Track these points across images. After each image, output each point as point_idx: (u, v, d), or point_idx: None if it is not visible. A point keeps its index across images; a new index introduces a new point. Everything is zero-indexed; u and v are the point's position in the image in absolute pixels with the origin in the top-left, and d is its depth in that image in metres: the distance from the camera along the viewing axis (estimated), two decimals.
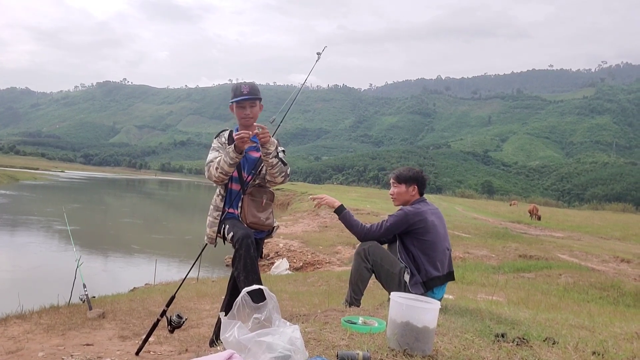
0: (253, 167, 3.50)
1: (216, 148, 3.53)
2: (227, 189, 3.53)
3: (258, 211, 3.42)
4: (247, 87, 3.40)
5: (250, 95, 3.38)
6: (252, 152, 3.50)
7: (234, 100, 3.39)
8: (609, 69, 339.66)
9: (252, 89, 3.41)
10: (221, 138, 3.58)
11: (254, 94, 3.42)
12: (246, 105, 3.38)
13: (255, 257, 3.16)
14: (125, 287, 9.08)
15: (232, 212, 3.48)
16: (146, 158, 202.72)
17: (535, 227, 22.36)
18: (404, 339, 2.26)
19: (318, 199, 3.80)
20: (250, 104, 3.39)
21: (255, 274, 3.10)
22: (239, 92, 3.39)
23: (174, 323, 2.41)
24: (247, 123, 3.41)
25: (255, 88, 3.44)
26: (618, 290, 7.42)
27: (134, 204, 41.03)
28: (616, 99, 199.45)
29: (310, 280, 8.30)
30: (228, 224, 3.35)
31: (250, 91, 3.39)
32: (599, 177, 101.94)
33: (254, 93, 3.41)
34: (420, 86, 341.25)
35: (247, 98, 3.36)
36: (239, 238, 3.15)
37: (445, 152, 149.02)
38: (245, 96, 3.36)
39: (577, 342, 2.77)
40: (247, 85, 3.41)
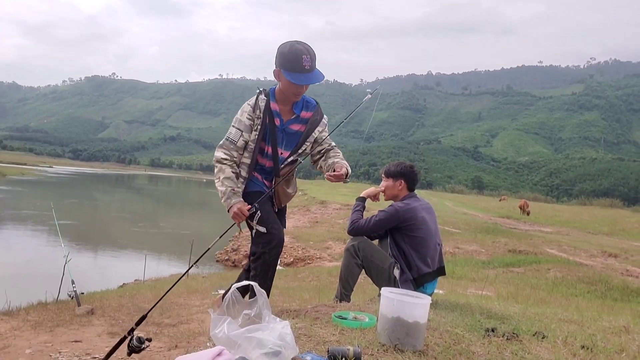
0: (294, 144, 3.00)
1: (244, 124, 2.94)
2: (252, 166, 3.00)
3: (288, 187, 3.09)
4: (309, 59, 2.69)
5: (313, 77, 2.74)
6: (293, 125, 2.99)
7: (291, 77, 2.72)
8: (598, 66, 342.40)
9: (314, 63, 2.72)
10: (255, 110, 2.93)
11: (318, 77, 2.76)
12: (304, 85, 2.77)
13: (276, 266, 2.97)
14: (114, 283, 9.03)
15: (261, 181, 3.07)
16: (135, 153, 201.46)
17: (524, 222, 22.53)
18: (394, 334, 2.25)
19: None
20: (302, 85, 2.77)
21: (270, 282, 2.98)
22: (299, 65, 2.69)
23: (133, 346, 2.32)
24: (294, 99, 2.91)
25: (315, 59, 2.73)
26: (606, 285, 7.50)
27: (123, 199, 40.77)
28: (604, 96, 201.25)
29: (300, 275, 8.31)
30: (262, 213, 2.89)
31: (312, 68, 2.72)
32: (587, 172, 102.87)
33: (317, 75, 2.76)
34: (411, 82, 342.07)
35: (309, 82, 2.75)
36: (273, 242, 2.87)
37: (436, 147, 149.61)
38: (308, 74, 2.71)
39: (566, 336, 2.79)
40: (309, 57, 2.69)
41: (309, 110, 3.02)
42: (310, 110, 3.02)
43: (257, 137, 2.93)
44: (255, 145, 2.94)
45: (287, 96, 2.86)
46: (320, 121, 3.05)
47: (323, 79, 2.78)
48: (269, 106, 2.91)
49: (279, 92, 2.91)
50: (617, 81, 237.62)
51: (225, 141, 2.95)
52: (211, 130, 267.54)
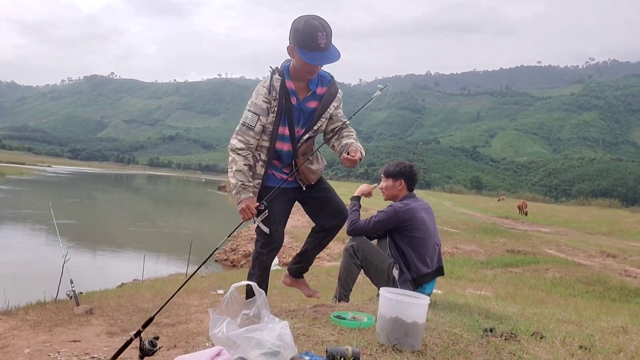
0: (310, 120, 2.90)
1: (260, 107, 2.80)
2: (271, 150, 2.88)
3: (312, 164, 2.93)
4: (324, 36, 2.52)
5: (328, 56, 2.58)
6: (310, 102, 2.87)
7: (305, 56, 2.57)
8: (597, 66, 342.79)
9: (329, 40, 2.55)
10: (271, 91, 2.79)
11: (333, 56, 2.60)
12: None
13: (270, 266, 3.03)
14: (113, 283, 9.03)
15: (279, 177, 2.97)
16: (134, 153, 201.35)
17: (523, 222, 22.56)
18: (393, 334, 2.25)
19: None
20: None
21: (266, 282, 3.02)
22: (314, 43, 2.53)
23: (146, 349, 2.27)
24: (308, 77, 2.77)
25: (331, 36, 2.56)
26: (604, 285, 7.51)
27: (122, 199, 40.74)
28: (603, 96, 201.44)
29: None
30: (270, 213, 2.86)
31: (328, 46, 2.55)
32: (586, 173, 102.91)
33: (333, 54, 2.59)
34: (410, 82, 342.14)
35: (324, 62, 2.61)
36: (272, 245, 2.92)
37: (435, 147, 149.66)
38: (323, 52, 2.54)
39: (565, 336, 2.80)
40: (325, 34, 2.52)
41: (324, 86, 2.88)
42: (325, 85, 2.88)
43: (274, 119, 2.81)
44: (274, 128, 2.83)
45: (301, 74, 2.73)
46: (335, 96, 2.91)
47: (339, 57, 2.60)
48: (285, 85, 2.77)
49: (294, 70, 2.76)
50: (616, 81, 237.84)
51: (242, 127, 2.83)
52: (210, 130, 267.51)
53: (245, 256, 13.93)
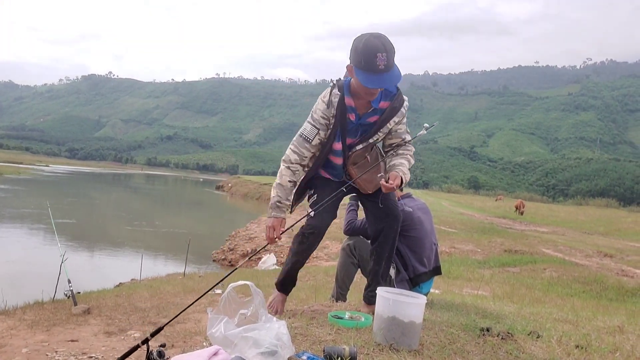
0: (367, 132, 2.77)
1: (319, 122, 2.71)
2: (324, 158, 2.83)
3: (374, 173, 2.75)
4: (384, 58, 2.34)
5: (388, 79, 2.42)
6: (370, 118, 2.74)
7: (363, 78, 2.43)
8: (594, 66, 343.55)
9: (391, 61, 2.36)
10: (330, 107, 2.68)
11: (393, 79, 2.43)
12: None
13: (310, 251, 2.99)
14: (110, 283, 9.02)
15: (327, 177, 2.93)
16: (132, 152, 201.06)
17: (520, 222, 22.60)
18: (390, 333, 2.27)
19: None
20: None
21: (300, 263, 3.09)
22: (373, 65, 2.36)
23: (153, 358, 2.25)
24: (369, 98, 2.62)
25: (393, 55, 2.38)
26: (601, 285, 7.53)
27: (119, 198, 40.69)
28: (600, 96, 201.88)
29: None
30: (317, 197, 2.86)
31: (388, 68, 2.37)
32: (583, 172, 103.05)
33: (393, 77, 2.42)
34: (408, 82, 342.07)
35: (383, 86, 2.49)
36: (313, 229, 2.88)
37: (432, 147, 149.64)
38: (382, 74, 2.38)
39: (561, 335, 2.81)
40: (385, 55, 2.34)
41: (387, 99, 2.71)
42: (388, 99, 2.72)
43: (329, 134, 2.74)
44: (328, 143, 2.77)
45: (361, 95, 2.60)
46: (398, 110, 2.74)
47: (399, 80, 2.45)
48: (343, 102, 2.65)
49: (354, 87, 2.63)
50: (613, 81, 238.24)
51: (299, 137, 2.76)
52: (208, 129, 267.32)
53: (244, 256, 13.92)
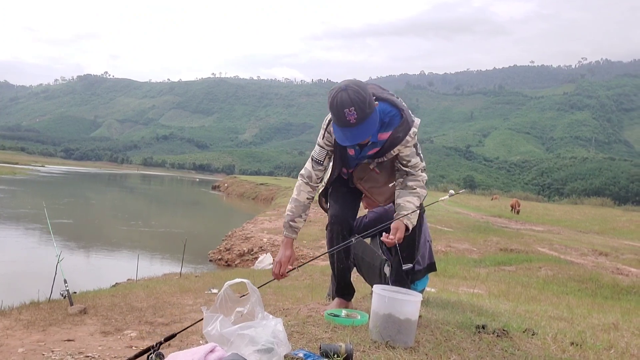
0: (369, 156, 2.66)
1: (323, 145, 2.69)
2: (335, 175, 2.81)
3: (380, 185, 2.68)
4: (353, 112, 2.24)
5: (358, 134, 2.31)
6: (371, 150, 2.60)
7: (336, 133, 2.39)
8: (589, 66, 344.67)
9: (363, 112, 2.26)
10: (331, 136, 2.62)
11: (364, 133, 2.32)
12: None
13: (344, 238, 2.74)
14: (107, 283, 9.01)
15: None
16: (128, 152, 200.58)
17: (516, 221, 22.66)
18: (386, 331, 2.27)
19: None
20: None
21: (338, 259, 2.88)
22: (343, 120, 2.29)
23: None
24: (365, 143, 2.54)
25: (365, 102, 2.26)
26: (596, 283, 7.57)
27: (115, 198, 40.61)
28: (595, 95, 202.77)
29: (294, 274, 8.32)
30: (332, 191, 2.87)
31: (360, 120, 2.27)
32: (579, 172, 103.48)
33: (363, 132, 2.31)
34: (404, 81, 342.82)
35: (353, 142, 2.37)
36: (331, 219, 2.79)
37: (429, 147, 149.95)
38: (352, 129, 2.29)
39: (556, 333, 2.83)
40: (354, 108, 2.24)
41: (387, 130, 2.51)
42: (389, 129, 2.51)
43: (334, 161, 2.75)
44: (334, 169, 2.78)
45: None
46: (402, 139, 2.50)
47: (374, 129, 2.34)
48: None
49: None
50: (608, 81, 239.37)
51: (311, 159, 2.75)
52: (204, 129, 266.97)
53: (240, 255, 13.92)
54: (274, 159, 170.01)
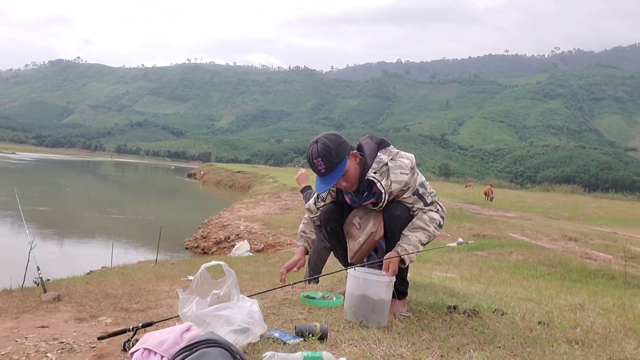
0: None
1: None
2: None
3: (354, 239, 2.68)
4: (320, 163, 2.44)
5: (326, 182, 2.49)
6: (367, 201, 2.62)
7: (316, 185, 2.58)
8: (562, 55, 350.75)
9: (330, 162, 2.44)
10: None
11: (334, 169, 2.46)
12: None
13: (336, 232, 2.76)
14: (81, 270, 8.88)
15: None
16: (101, 139, 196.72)
17: (489, 207, 23.05)
18: (360, 311, 2.33)
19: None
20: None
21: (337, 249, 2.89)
22: (317, 172, 2.49)
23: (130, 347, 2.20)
24: (348, 189, 2.62)
25: (331, 153, 2.44)
26: (565, 267, 7.79)
27: (89, 186, 39.91)
28: (568, 84, 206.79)
29: (271, 261, 8.35)
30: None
31: (328, 170, 2.45)
32: (550, 160, 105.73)
33: (331, 180, 2.47)
34: (381, 69, 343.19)
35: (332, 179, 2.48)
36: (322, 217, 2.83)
37: (405, 135, 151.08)
38: (323, 178, 2.49)
39: (525, 312, 2.93)
40: (321, 159, 2.43)
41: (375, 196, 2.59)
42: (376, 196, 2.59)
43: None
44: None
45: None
46: (399, 189, 2.51)
47: (340, 175, 2.46)
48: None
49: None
50: (580, 70, 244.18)
51: (315, 196, 2.92)
52: (179, 116, 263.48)
53: (217, 243, 13.88)
54: (251, 146, 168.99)
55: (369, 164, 2.52)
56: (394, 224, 2.49)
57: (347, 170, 2.47)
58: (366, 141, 2.66)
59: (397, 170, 2.48)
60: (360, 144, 2.67)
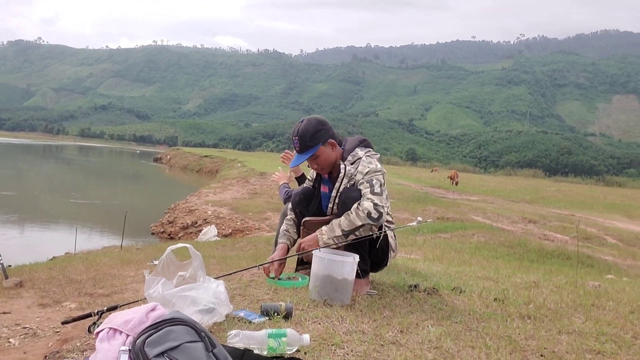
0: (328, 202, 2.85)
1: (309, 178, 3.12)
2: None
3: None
4: (296, 141, 2.72)
5: (297, 160, 2.79)
6: (323, 187, 2.93)
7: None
8: (526, 42, 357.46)
9: (303, 142, 2.70)
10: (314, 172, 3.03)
11: (307, 150, 2.71)
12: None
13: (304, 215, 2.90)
14: (43, 256, 8.71)
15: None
16: (64, 123, 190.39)
17: (453, 191, 23.52)
18: (324, 290, 2.40)
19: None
20: (310, 159, 2.76)
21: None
22: (293, 144, 2.78)
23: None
24: (318, 170, 2.88)
25: (307, 136, 2.68)
26: (524, 248, 8.08)
27: (51, 170, 38.83)
28: (532, 71, 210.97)
29: (238, 245, 8.37)
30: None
31: (301, 148, 2.72)
32: (513, 145, 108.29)
33: (305, 148, 2.71)
34: (350, 54, 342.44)
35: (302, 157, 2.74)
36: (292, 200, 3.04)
37: (374, 120, 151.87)
38: (298, 154, 2.77)
39: (482, 290, 3.06)
40: (297, 138, 2.71)
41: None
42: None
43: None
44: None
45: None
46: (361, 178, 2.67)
47: (301, 161, 2.76)
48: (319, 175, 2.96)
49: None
50: (544, 57, 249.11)
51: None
52: (145, 99, 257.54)
53: (184, 228, 13.78)
54: (219, 130, 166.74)
55: (345, 157, 2.75)
56: (350, 203, 2.58)
57: (319, 155, 2.71)
58: (352, 139, 2.88)
59: (364, 163, 2.69)
60: (346, 140, 2.89)
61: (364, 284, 2.70)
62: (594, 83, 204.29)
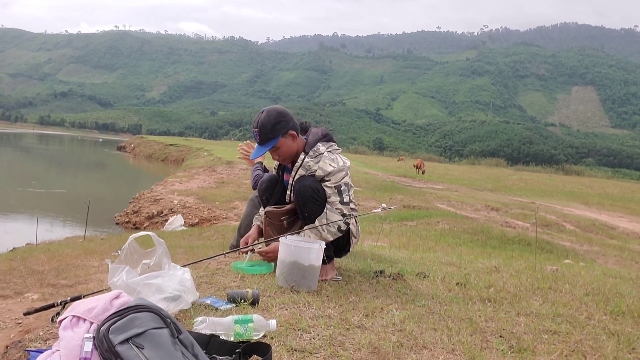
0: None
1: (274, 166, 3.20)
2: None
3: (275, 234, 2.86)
4: (257, 132, 2.73)
5: (261, 142, 2.76)
6: (286, 175, 2.99)
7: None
8: (490, 33, 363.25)
9: (262, 134, 2.71)
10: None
11: (267, 142, 2.73)
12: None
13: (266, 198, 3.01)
14: (3, 247, 8.45)
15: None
16: (22, 110, 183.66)
17: (419, 180, 23.88)
18: (291, 276, 2.43)
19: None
20: (271, 150, 2.78)
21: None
22: (254, 136, 2.81)
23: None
24: (280, 161, 2.94)
25: (267, 128, 2.69)
26: (486, 234, 8.28)
27: (9, 159, 37.47)
28: (495, 62, 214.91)
29: (206, 234, 8.30)
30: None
31: (260, 137, 2.73)
32: (477, 134, 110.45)
33: (266, 140, 2.72)
34: (317, 42, 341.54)
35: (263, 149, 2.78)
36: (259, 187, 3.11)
37: (341, 109, 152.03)
38: (258, 146, 2.82)
39: (445, 275, 3.15)
40: (257, 129, 2.72)
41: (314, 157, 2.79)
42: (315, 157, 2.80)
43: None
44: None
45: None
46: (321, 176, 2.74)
47: (261, 152, 2.83)
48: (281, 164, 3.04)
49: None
50: (507, 48, 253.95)
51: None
52: (107, 85, 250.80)
53: (149, 218, 13.56)
54: (185, 118, 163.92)
55: (307, 151, 2.77)
56: (304, 192, 2.66)
57: (280, 147, 2.74)
58: (315, 130, 2.89)
59: (327, 160, 2.73)
60: (310, 131, 2.90)
61: (330, 269, 2.75)
62: (554, 74, 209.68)
